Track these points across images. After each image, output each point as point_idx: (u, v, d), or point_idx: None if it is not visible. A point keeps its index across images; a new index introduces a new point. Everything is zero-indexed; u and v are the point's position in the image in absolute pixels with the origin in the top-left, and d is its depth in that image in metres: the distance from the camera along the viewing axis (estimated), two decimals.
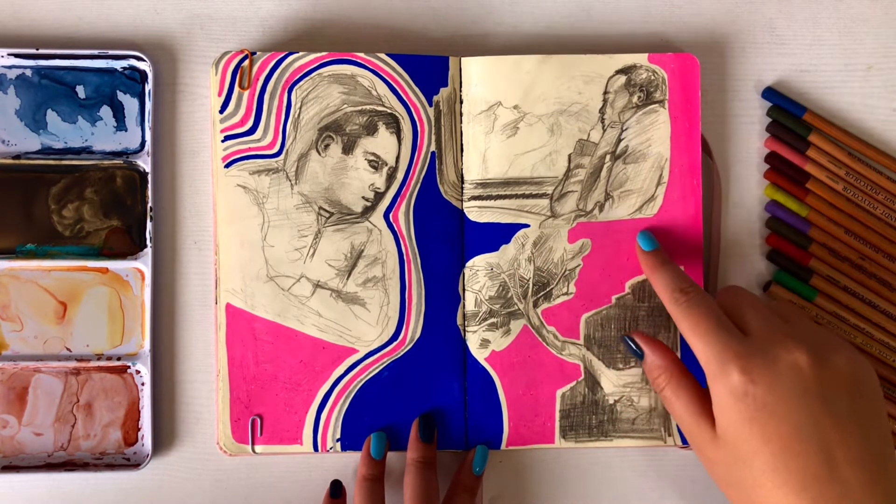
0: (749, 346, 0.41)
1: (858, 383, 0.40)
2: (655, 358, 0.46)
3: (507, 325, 0.51)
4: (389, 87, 0.51)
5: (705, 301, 0.44)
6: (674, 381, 0.44)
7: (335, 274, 0.51)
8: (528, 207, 0.51)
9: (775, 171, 0.54)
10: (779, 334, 0.41)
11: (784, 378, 0.39)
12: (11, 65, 0.52)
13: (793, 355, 0.40)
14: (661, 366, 0.45)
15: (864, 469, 0.37)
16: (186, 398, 0.52)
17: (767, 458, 0.38)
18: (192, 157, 0.53)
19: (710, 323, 0.42)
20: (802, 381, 0.39)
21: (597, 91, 0.52)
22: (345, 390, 0.51)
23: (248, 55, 0.51)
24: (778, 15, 0.55)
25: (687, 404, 0.43)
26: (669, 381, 0.44)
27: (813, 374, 0.39)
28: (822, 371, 0.39)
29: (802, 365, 0.39)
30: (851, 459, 0.37)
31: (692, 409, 0.43)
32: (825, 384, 0.39)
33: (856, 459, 0.37)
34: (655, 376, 0.45)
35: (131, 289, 0.52)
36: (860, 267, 0.54)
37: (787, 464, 0.38)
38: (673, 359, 0.46)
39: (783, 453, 0.38)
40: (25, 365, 0.51)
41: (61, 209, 0.52)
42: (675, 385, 0.44)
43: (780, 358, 0.40)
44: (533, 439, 0.51)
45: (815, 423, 0.38)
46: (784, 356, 0.40)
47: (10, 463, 0.51)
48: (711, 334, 0.42)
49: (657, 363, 0.46)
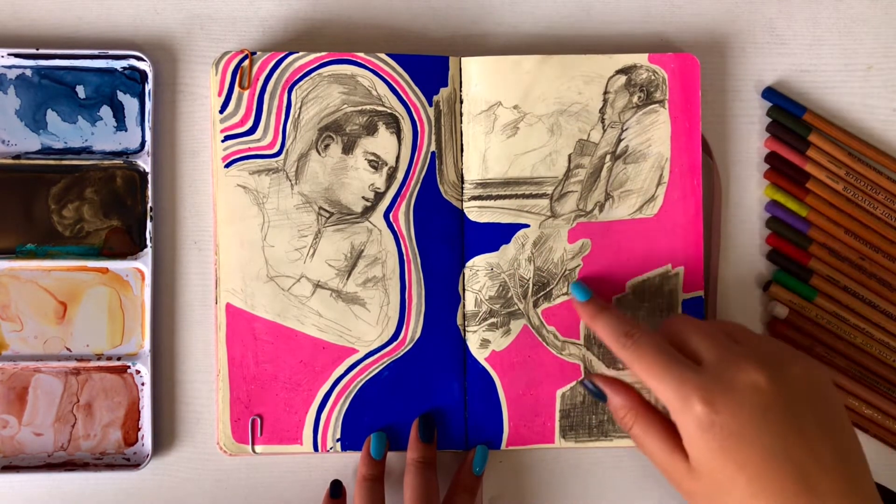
0: (705, 376, 0.40)
1: (817, 391, 0.40)
2: (618, 398, 0.45)
3: (507, 325, 0.51)
4: (389, 87, 0.51)
5: (652, 340, 0.43)
6: (640, 418, 0.44)
7: (335, 274, 0.51)
8: (528, 207, 0.51)
9: (775, 171, 0.54)
10: (731, 357, 0.41)
11: (745, 401, 0.39)
12: (11, 65, 0.52)
13: (749, 376, 0.39)
14: (625, 405, 0.45)
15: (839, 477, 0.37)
16: (186, 398, 0.52)
17: (744, 484, 0.38)
18: (192, 157, 0.53)
19: (662, 360, 0.42)
20: (763, 400, 0.39)
21: (597, 91, 0.52)
22: (345, 390, 0.51)
23: (248, 55, 0.51)
24: (778, 15, 0.55)
25: (657, 440, 0.42)
26: (636, 420, 0.44)
27: (772, 391, 0.39)
28: (781, 386, 0.39)
29: (760, 384, 0.39)
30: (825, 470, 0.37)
31: (663, 444, 0.42)
32: (786, 398, 0.39)
33: (829, 469, 0.37)
34: (621, 416, 0.45)
35: (131, 289, 0.52)
36: (860, 267, 0.54)
37: (765, 487, 0.38)
38: (636, 397, 0.45)
39: (759, 478, 0.38)
40: (25, 365, 0.51)
41: (61, 209, 0.52)
42: (643, 423, 0.43)
43: (737, 381, 0.39)
44: (533, 439, 0.51)
45: (784, 441, 0.38)
46: (741, 379, 0.39)
47: (10, 463, 0.51)
48: (666, 372, 0.41)
49: (621, 403, 0.45)
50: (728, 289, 0.54)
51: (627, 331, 0.44)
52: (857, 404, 0.53)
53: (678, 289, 0.52)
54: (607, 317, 0.46)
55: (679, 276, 0.52)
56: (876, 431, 0.54)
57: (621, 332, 0.44)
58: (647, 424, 0.43)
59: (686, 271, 0.52)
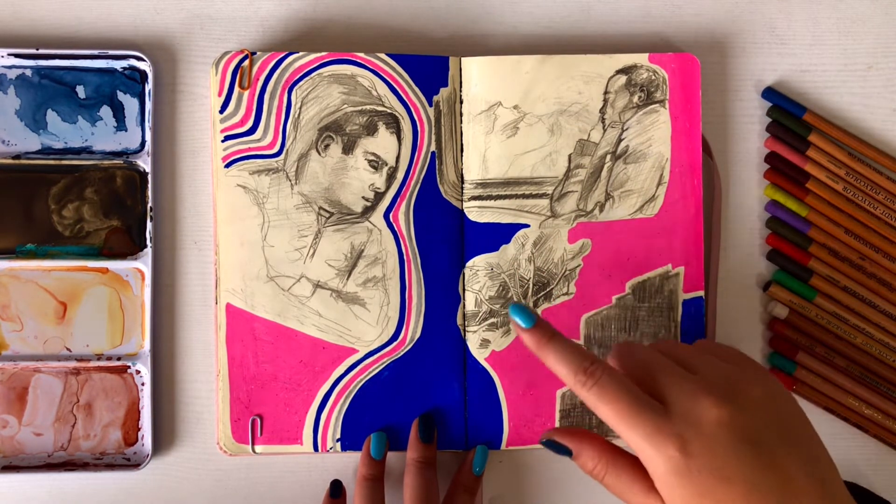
0: (674, 419, 0.39)
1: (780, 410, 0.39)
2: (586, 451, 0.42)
3: (507, 325, 0.51)
4: (389, 87, 0.51)
5: (614, 379, 0.40)
6: (611, 467, 0.41)
7: (335, 274, 0.51)
8: (528, 207, 0.51)
9: (775, 171, 0.54)
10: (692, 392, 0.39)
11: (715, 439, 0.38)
12: (11, 65, 0.51)
13: (711, 412, 0.38)
14: (593, 456, 0.42)
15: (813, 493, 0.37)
16: (186, 398, 0.52)
17: None
18: (192, 157, 0.53)
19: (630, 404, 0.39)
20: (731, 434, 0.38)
21: (597, 91, 0.52)
22: (345, 390, 0.51)
23: (248, 55, 0.51)
24: (778, 15, 0.55)
25: (631, 485, 0.41)
26: (608, 468, 0.42)
27: (737, 423, 0.38)
28: (744, 415, 0.38)
29: (724, 418, 0.38)
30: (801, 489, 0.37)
31: (637, 488, 0.41)
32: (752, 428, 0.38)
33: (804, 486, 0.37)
34: (591, 468, 0.42)
35: (131, 289, 0.52)
36: (860, 267, 0.54)
37: None
38: (602, 445, 0.42)
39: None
40: (25, 365, 0.51)
41: (61, 209, 0.52)
42: (614, 470, 0.41)
43: (702, 419, 0.38)
44: (533, 439, 0.51)
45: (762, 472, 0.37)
46: (705, 415, 0.38)
47: (10, 463, 0.51)
48: (634, 417, 0.39)
49: (589, 454, 0.42)
50: (728, 289, 0.54)
51: (586, 367, 0.40)
52: (857, 404, 0.53)
53: (678, 289, 0.52)
54: (559, 347, 0.41)
55: (679, 276, 0.52)
56: (876, 431, 0.54)
57: (579, 367, 0.40)
58: (618, 471, 0.41)
59: (686, 271, 0.52)
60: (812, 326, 0.54)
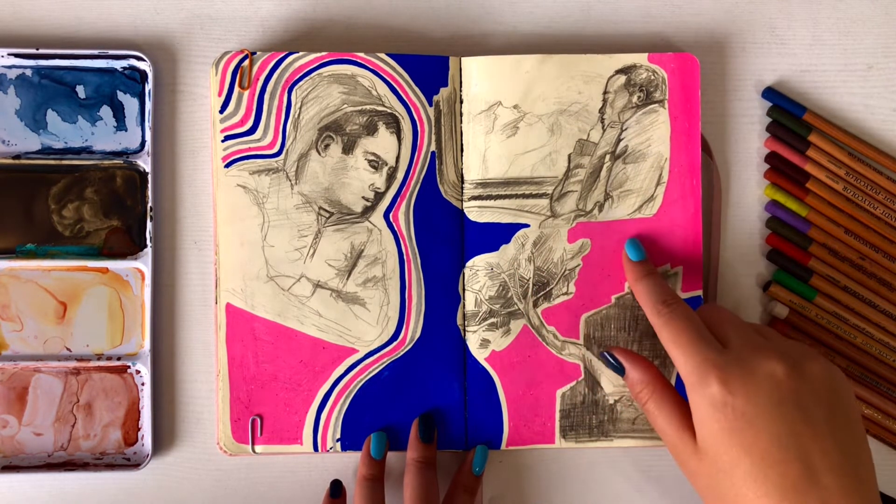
0: (728, 358, 0.41)
1: (834, 392, 0.40)
2: (636, 373, 0.46)
3: (507, 325, 0.51)
4: (389, 87, 0.51)
5: (687, 314, 0.44)
6: (656, 394, 0.44)
7: (335, 274, 0.51)
8: (528, 207, 0.51)
9: (775, 171, 0.54)
10: (755, 346, 0.42)
11: (762, 388, 0.39)
12: (11, 65, 0.52)
13: (769, 365, 0.40)
14: (642, 380, 0.45)
15: (842, 475, 0.38)
16: (186, 398, 0.52)
17: (748, 468, 0.38)
18: (192, 157, 0.53)
19: (691, 335, 0.43)
20: (779, 391, 0.39)
21: (597, 91, 0.52)
22: (345, 390, 0.51)
23: (248, 55, 0.51)
24: (778, 15, 0.55)
25: (669, 417, 0.43)
26: (652, 395, 0.44)
27: (789, 384, 0.39)
28: (799, 381, 0.40)
29: (779, 375, 0.40)
30: (830, 467, 0.38)
31: (674, 422, 0.43)
32: (802, 394, 0.39)
33: (834, 467, 0.38)
34: (638, 391, 0.45)
35: (131, 289, 0.52)
36: (860, 267, 0.54)
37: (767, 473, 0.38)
38: (654, 372, 0.46)
39: (763, 463, 0.38)
40: (25, 365, 0.51)
41: (61, 209, 0.52)
42: (658, 398, 0.44)
43: (757, 369, 0.40)
44: (533, 439, 0.51)
45: (793, 433, 0.38)
46: (761, 367, 0.40)
47: (10, 463, 0.51)
48: (692, 346, 0.42)
49: (639, 377, 0.46)
50: (728, 289, 0.54)
51: (666, 299, 0.45)
52: None
53: (677, 288, 0.52)
54: (651, 281, 0.47)
55: (678, 276, 0.52)
56: (876, 431, 0.54)
57: (661, 299, 0.46)
58: (661, 401, 0.44)
59: (685, 271, 0.52)
60: (812, 326, 0.54)
